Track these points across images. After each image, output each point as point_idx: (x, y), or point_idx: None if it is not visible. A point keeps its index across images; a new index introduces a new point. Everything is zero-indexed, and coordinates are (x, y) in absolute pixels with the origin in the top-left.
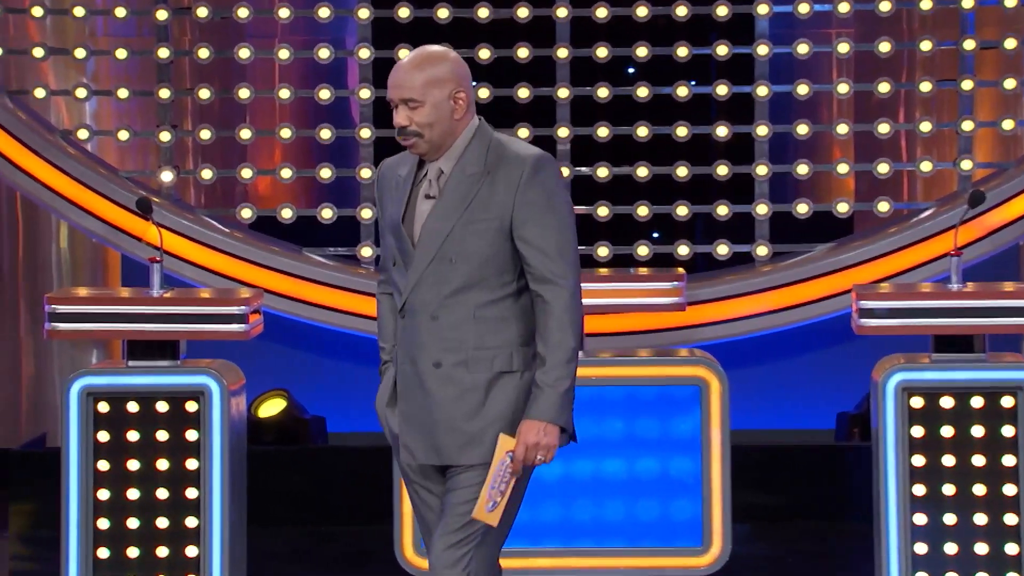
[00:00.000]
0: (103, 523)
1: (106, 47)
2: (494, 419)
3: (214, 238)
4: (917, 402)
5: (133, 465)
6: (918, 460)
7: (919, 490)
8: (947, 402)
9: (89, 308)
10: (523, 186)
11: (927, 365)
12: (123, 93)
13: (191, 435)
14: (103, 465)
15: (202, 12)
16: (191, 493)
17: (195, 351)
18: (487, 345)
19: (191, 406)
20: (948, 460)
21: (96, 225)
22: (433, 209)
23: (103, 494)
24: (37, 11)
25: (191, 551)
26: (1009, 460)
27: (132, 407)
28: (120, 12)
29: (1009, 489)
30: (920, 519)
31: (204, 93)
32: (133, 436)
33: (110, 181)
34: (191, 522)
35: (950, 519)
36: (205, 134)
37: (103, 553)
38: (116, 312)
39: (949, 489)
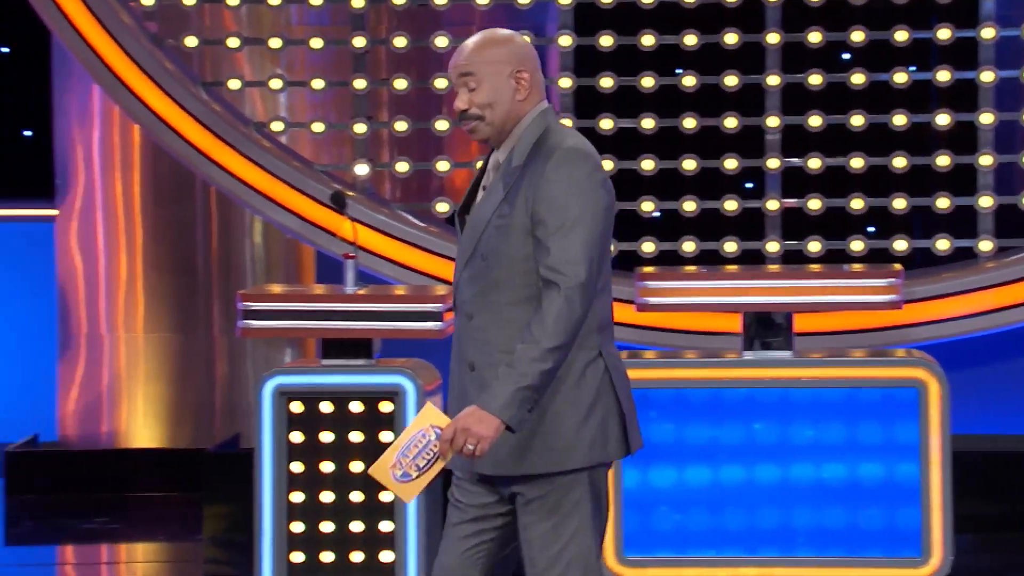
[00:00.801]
0: (297, 527)
1: (301, 36)
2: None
3: (410, 233)
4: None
5: (327, 467)
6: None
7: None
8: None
9: (282, 306)
10: (544, 181)
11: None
12: (318, 84)
13: (385, 436)
14: (296, 467)
15: (399, 0)
16: (386, 496)
17: (389, 350)
18: (515, 348)
19: (385, 406)
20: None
21: (290, 220)
22: (478, 203)
23: (297, 497)
24: (232, 1)
25: (386, 556)
26: None
27: (325, 407)
28: (315, 1)
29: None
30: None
31: (400, 83)
32: (327, 437)
33: (304, 175)
34: (386, 526)
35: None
36: (401, 126)
37: (297, 557)
38: (310, 310)
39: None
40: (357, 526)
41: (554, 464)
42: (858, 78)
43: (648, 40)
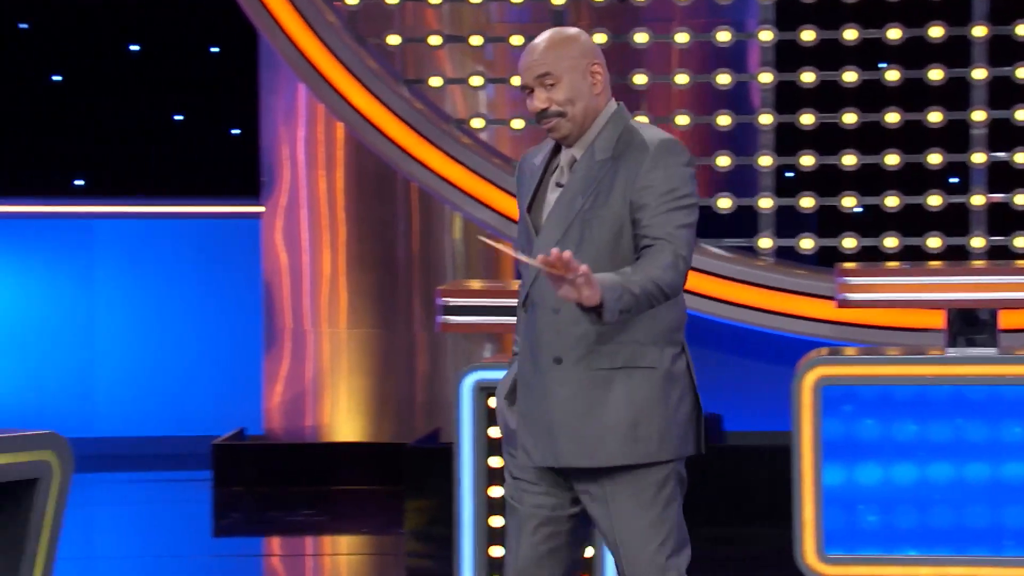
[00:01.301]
0: (497, 521)
1: (502, 34)
2: (615, 420)
3: None
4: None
5: None
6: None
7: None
8: None
9: (481, 301)
10: (644, 172)
11: None
12: (517, 81)
13: None
14: (495, 462)
15: None
16: None
17: None
18: (609, 340)
19: None
20: None
21: (490, 216)
22: (559, 197)
23: (496, 491)
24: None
25: (586, 552)
26: None
27: None
28: None
29: None
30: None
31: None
32: None
33: (504, 171)
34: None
35: None
36: None
37: (497, 551)
38: (508, 305)
39: None
40: None
41: (649, 453)
42: None
43: (850, 34)
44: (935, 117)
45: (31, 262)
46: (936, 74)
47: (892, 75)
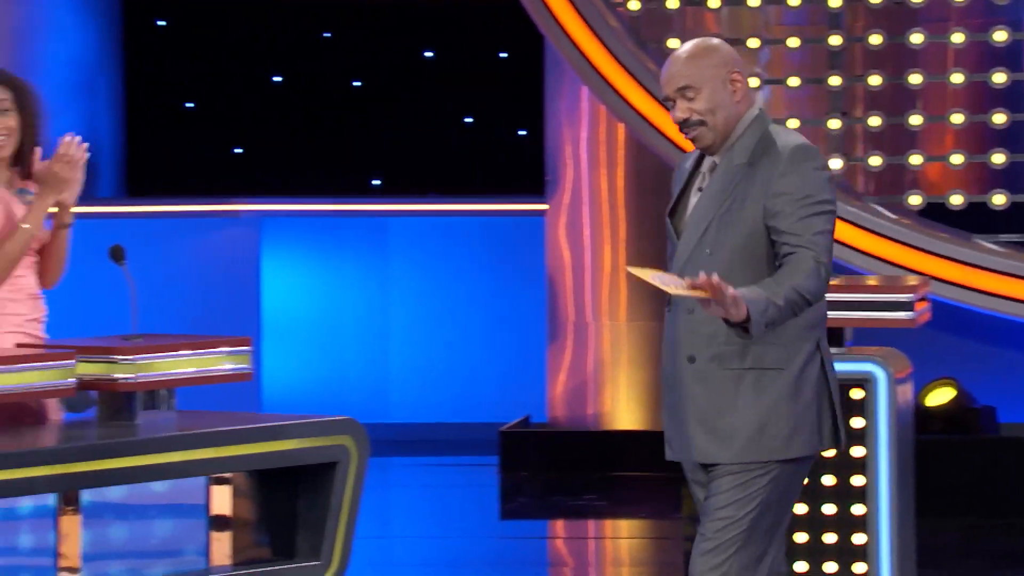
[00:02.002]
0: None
1: (779, 36)
2: (744, 420)
3: (881, 225)
4: None
5: None
6: None
7: None
8: None
9: None
10: (778, 177)
11: None
12: (794, 81)
13: (857, 422)
14: None
15: None
16: (857, 480)
17: (861, 338)
18: (738, 341)
19: (856, 393)
20: None
21: None
22: (698, 201)
23: None
24: (714, 3)
25: (858, 538)
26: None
27: None
28: (794, 1)
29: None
30: None
31: (875, 80)
32: None
33: None
34: (858, 509)
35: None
36: (875, 121)
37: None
38: None
39: None
40: (829, 508)
41: (770, 451)
42: None
43: None
44: None
45: (330, 258)
46: None
47: None
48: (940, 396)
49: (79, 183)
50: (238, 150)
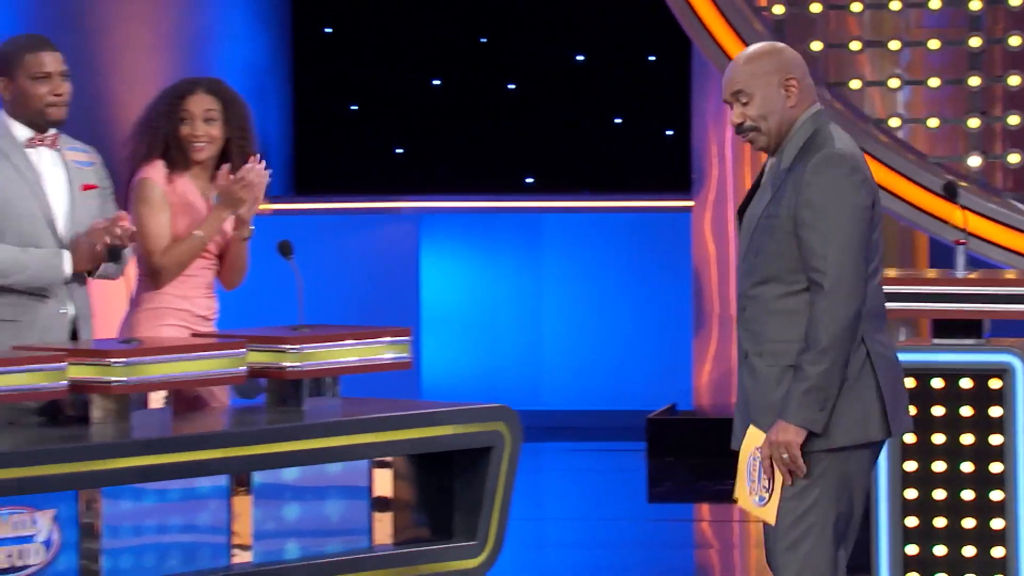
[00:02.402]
0: (911, 521)
1: (920, 38)
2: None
3: (1020, 221)
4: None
5: (938, 439)
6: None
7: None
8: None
9: (897, 288)
10: (804, 186)
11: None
12: (934, 82)
13: (995, 411)
14: (908, 438)
15: (1015, 1)
16: (995, 467)
17: (999, 330)
18: (780, 338)
19: (994, 383)
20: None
21: (904, 208)
22: (754, 202)
23: (910, 493)
24: (856, 7)
25: (997, 523)
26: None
27: (936, 383)
28: (934, 4)
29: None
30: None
31: (1013, 80)
32: (938, 411)
33: (918, 166)
34: (996, 495)
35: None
36: (1013, 119)
37: (911, 550)
38: (922, 292)
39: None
40: (967, 495)
41: (814, 442)
42: None
43: None
44: None
45: (486, 253)
46: None
47: None
48: None
49: (257, 202)
50: (399, 150)
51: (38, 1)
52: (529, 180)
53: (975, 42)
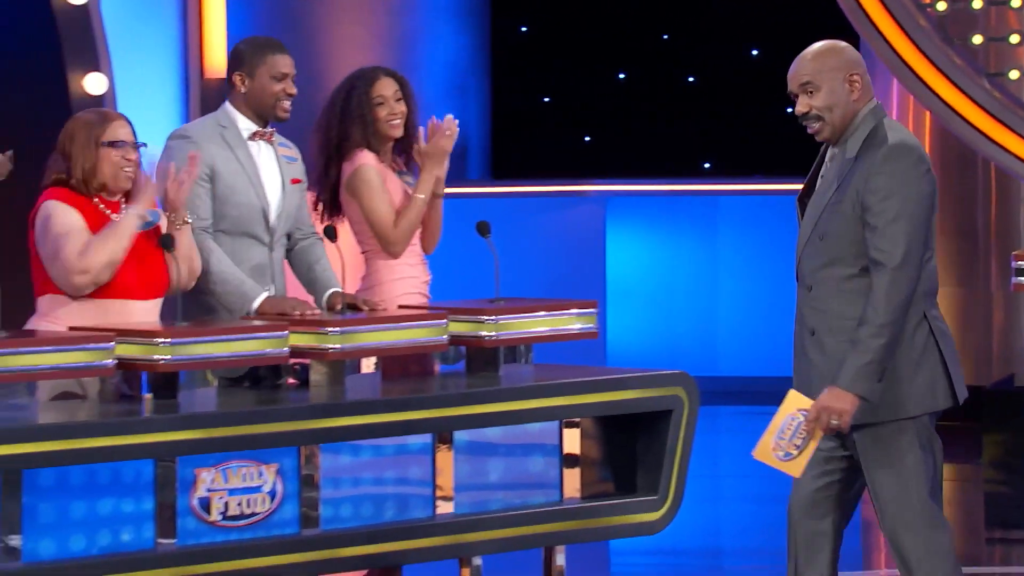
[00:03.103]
0: None
1: None
2: None
3: None
4: None
5: None
6: None
7: None
8: None
9: None
10: (873, 174)
11: None
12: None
13: None
14: None
15: None
16: None
17: None
18: (848, 316)
19: None
20: None
21: None
22: (817, 189)
23: None
24: (1016, 2)
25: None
26: None
27: None
28: None
29: None
30: None
31: None
32: None
33: None
34: None
35: None
36: None
37: None
38: None
39: None
40: None
41: (889, 413)
42: None
43: None
44: None
45: (667, 232)
46: None
47: None
48: None
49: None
50: (587, 138)
51: (267, 5)
52: (707, 165)
53: None
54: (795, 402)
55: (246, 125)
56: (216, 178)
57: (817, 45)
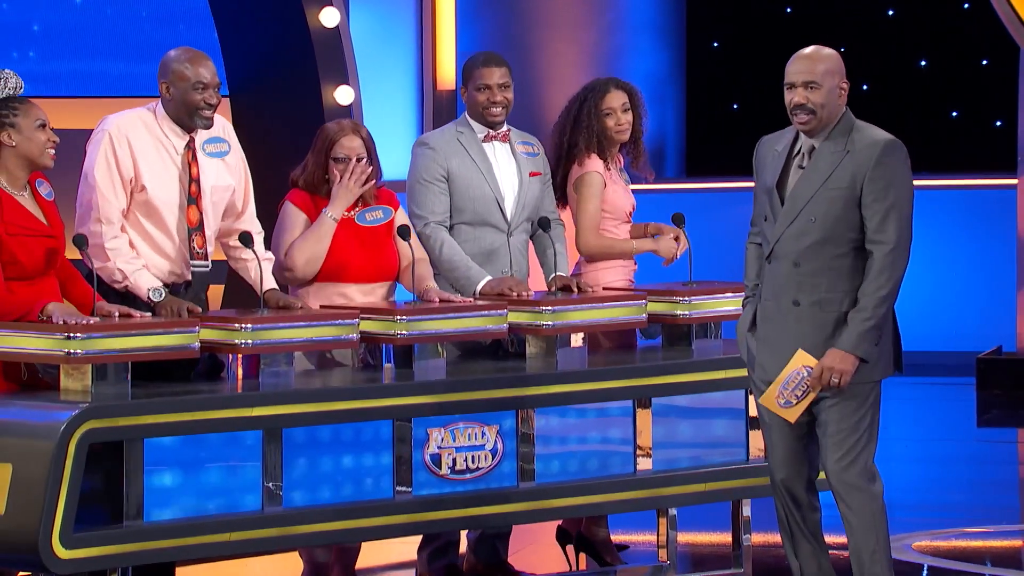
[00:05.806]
0: None
1: None
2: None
3: None
4: None
5: None
6: None
7: None
8: None
9: None
10: (872, 167)
11: None
12: None
13: None
14: None
15: None
16: None
17: None
18: (837, 289)
19: None
20: None
21: None
22: (802, 176)
23: None
24: None
25: None
26: None
27: None
28: None
29: None
30: None
31: None
32: None
33: None
34: None
35: None
36: None
37: None
38: None
39: None
40: None
41: (866, 376)
42: None
43: None
44: None
45: None
46: None
47: None
48: None
49: None
50: None
51: (491, 26)
52: None
53: None
54: (801, 359)
55: (479, 129)
56: (452, 178)
57: (822, 50)
